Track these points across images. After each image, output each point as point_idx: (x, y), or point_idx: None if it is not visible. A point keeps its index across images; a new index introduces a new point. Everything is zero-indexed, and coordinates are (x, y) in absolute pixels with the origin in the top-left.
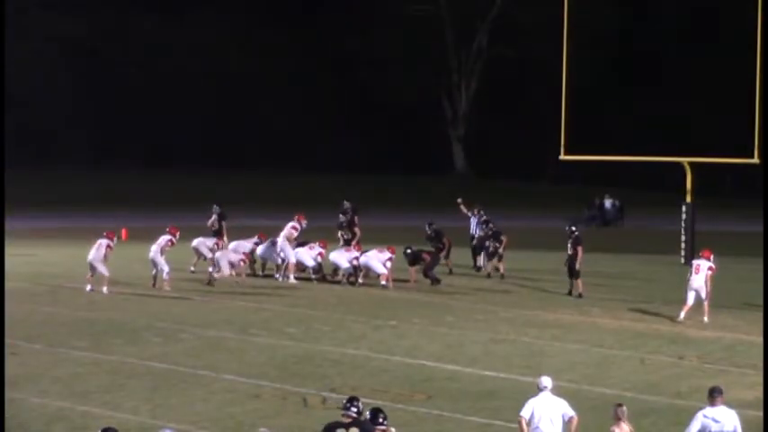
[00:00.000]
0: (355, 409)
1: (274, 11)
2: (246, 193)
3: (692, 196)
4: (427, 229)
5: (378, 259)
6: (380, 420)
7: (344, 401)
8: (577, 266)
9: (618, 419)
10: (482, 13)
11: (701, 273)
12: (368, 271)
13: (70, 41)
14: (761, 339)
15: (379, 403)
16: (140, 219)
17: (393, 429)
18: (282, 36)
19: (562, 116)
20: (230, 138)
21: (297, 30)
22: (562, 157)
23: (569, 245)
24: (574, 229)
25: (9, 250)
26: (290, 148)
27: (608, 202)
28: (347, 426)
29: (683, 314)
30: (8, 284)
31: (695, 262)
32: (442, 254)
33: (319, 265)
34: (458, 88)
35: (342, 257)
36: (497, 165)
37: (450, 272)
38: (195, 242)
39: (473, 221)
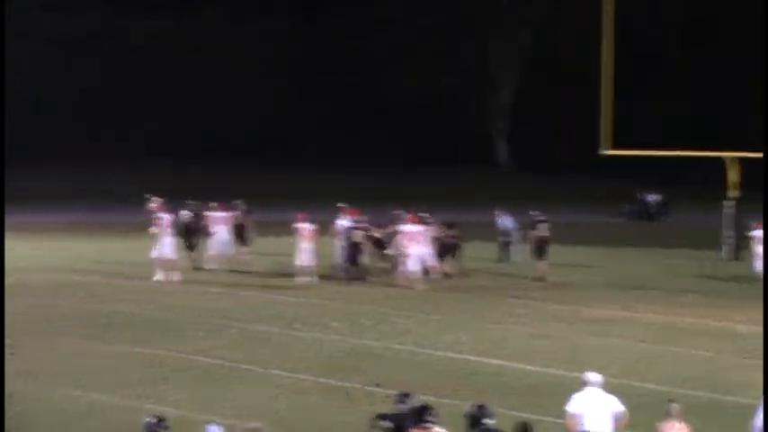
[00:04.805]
0: (403, 405)
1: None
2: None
3: (736, 191)
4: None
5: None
6: (427, 417)
7: (396, 395)
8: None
9: (668, 416)
10: (525, 7)
11: None
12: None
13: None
14: None
15: (423, 398)
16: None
17: (437, 429)
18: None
19: (605, 110)
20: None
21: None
22: (606, 152)
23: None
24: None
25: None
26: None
27: (652, 197)
28: (378, 415)
29: None
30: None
31: None
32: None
33: None
34: (495, 84)
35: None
36: (540, 159)
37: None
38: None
39: (506, 219)
